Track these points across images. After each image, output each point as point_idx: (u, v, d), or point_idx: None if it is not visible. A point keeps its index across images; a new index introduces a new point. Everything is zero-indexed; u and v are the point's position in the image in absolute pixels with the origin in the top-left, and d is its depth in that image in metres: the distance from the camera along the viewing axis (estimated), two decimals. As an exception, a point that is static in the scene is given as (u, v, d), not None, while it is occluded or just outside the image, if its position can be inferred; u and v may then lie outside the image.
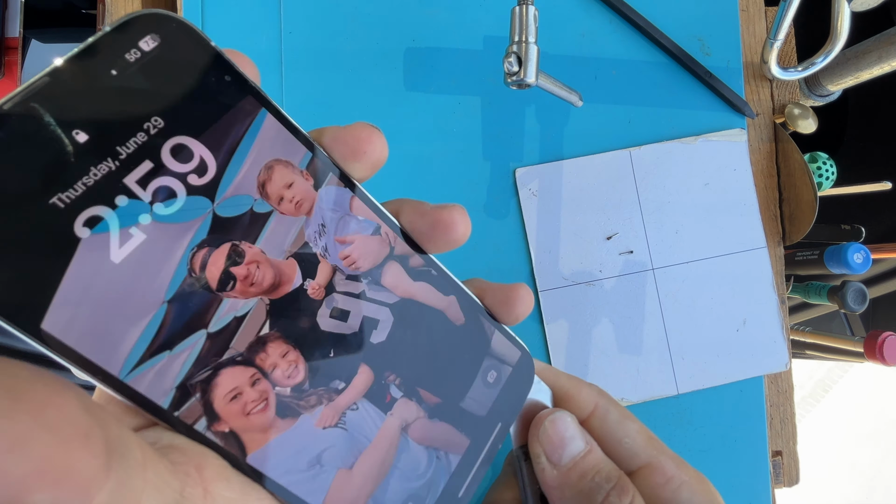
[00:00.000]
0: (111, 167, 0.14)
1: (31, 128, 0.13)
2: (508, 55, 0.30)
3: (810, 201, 0.37)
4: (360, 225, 0.19)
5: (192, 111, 0.15)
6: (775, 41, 0.36)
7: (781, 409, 0.40)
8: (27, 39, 0.54)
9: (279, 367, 0.17)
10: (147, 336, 0.15)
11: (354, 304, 0.19)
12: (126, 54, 0.14)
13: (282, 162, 0.17)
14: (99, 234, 0.14)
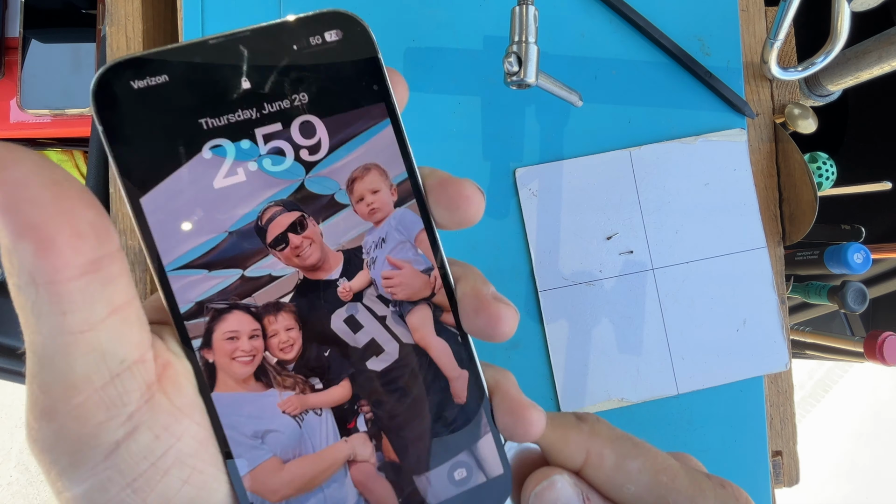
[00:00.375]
0: (251, 116, 0.18)
1: (219, 60, 0.18)
2: (508, 55, 0.30)
3: (810, 201, 0.37)
4: (415, 257, 0.20)
5: (333, 99, 0.19)
6: (775, 41, 0.36)
7: (781, 409, 0.40)
8: (27, 39, 0.54)
9: (278, 336, 0.19)
10: (200, 250, 0.18)
11: (370, 323, 0.20)
12: (311, 37, 0.18)
13: (379, 169, 0.19)
14: (215, 157, 0.18)
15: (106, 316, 0.15)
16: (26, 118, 0.55)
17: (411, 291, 0.20)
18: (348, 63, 0.19)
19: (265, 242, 0.19)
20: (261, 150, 0.18)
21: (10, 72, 0.55)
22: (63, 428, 0.14)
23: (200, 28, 0.37)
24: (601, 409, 0.37)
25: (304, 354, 0.19)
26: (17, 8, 0.54)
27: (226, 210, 0.18)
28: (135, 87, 0.17)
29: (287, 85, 0.18)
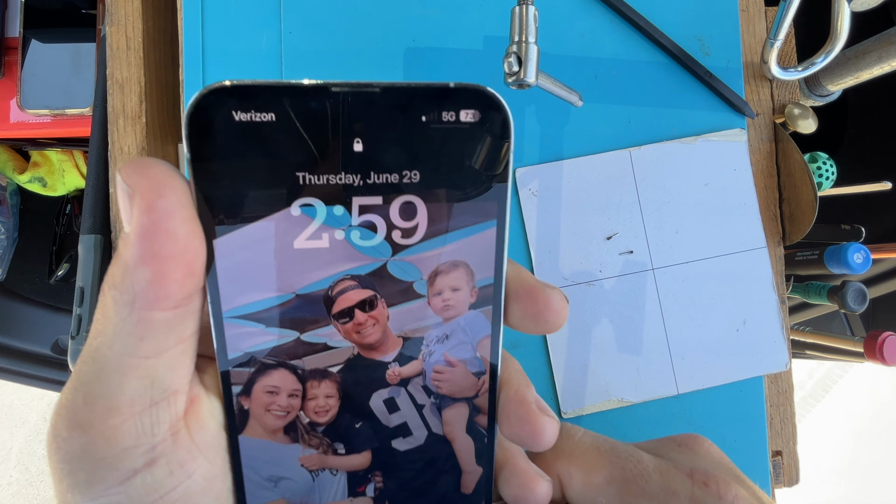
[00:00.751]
0: (354, 182, 0.16)
1: (336, 111, 0.16)
2: (508, 55, 0.30)
3: (810, 201, 0.37)
4: (471, 359, 0.19)
5: (447, 185, 0.17)
6: (775, 41, 0.36)
7: (781, 409, 0.40)
8: (27, 39, 0.54)
9: (317, 400, 0.19)
10: (262, 305, 0.17)
11: (407, 409, 0.20)
12: (445, 111, 0.16)
13: (466, 268, 0.18)
14: (303, 217, 0.16)
15: (172, 346, 0.15)
16: (26, 118, 0.55)
17: (457, 389, 0.20)
18: (476, 150, 0.17)
19: (329, 313, 0.18)
20: (352, 221, 0.17)
21: (10, 72, 0.55)
22: (92, 444, 0.14)
23: (200, 28, 0.37)
24: (601, 409, 0.37)
25: (336, 421, 0.19)
26: (17, 8, 0.54)
27: (299, 273, 0.17)
28: (236, 118, 0.15)
29: (403, 158, 0.16)
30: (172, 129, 0.42)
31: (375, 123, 0.16)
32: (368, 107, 0.16)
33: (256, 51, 0.37)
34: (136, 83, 0.39)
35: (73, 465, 0.15)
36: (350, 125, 0.16)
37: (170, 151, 0.42)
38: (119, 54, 0.39)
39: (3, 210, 0.69)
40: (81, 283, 0.37)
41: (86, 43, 0.53)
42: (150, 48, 0.40)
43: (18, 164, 0.66)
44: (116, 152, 0.38)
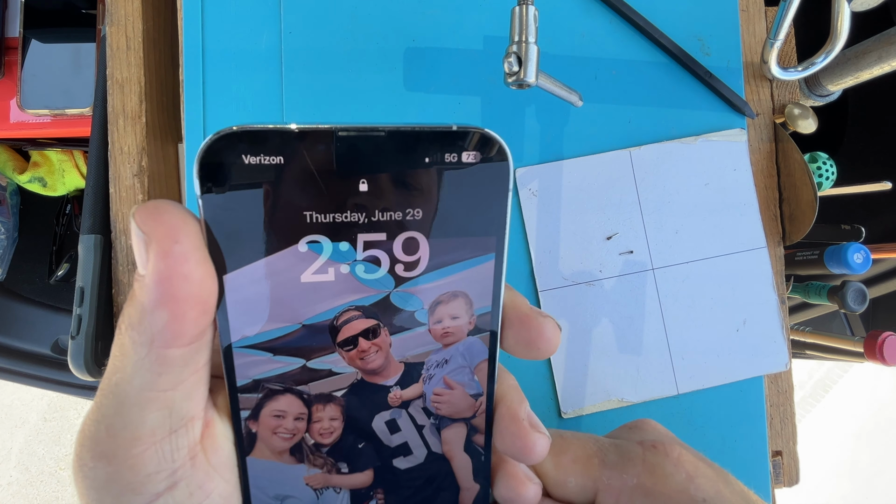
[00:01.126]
0: (359, 220, 0.17)
1: (343, 154, 0.16)
2: (508, 55, 0.30)
3: (810, 201, 0.37)
4: (469, 382, 0.20)
5: (449, 221, 0.18)
6: (775, 41, 0.36)
7: (781, 409, 0.40)
8: (27, 39, 0.54)
9: (321, 423, 0.20)
10: (270, 335, 0.18)
11: (408, 429, 0.21)
12: (448, 153, 0.17)
13: (466, 298, 0.19)
14: (310, 252, 0.17)
15: (187, 377, 0.16)
16: (26, 118, 0.55)
17: (455, 410, 0.21)
18: (477, 189, 0.18)
19: (334, 341, 0.19)
20: (357, 256, 0.18)
21: (10, 72, 0.55)
22: (117, 472, 0.15)
23: (200, 28, 0.37)
24: (601, 409, 0.37)
25: (340, 442, 0.20)
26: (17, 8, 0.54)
27: (306, 304, 0.18)
28: (246, 161, 0.16)
29: (406, 197, 0.17)
30: (172, 129, 0.42)
31: (380, 165, 0.17)
32: (373, 150, 0.16)
33: (256, 51, 0.37)
34: (136, 83, 0.39)
35: (99, 492, 0.16)
36: (356, 167, 0.16)
37: (169, 151, 0.42)
38: (119, 54, 0.39)
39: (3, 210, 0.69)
40: (81, 283, 0.37)
41: (86, 43, 0.53)
42: (150, 48, 0.40)
43: (18, 164, 0.66)
44: (116, 152, 0.38)
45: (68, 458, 1.42)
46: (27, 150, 0.66)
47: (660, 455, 0.20)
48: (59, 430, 1.42)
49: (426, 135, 0.17)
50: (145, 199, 0.38)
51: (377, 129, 0.16)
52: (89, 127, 0.40)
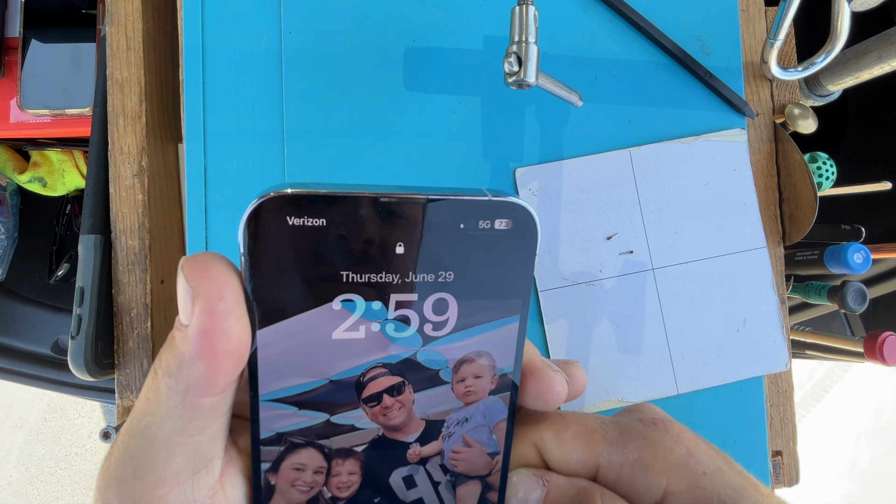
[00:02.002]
0: (392, 280, 0.18)
1: (382, 219, 0.17)
2: (508, 55, 0.30)
3: (810, 201, 0.37)
4: (488, 441, 0.21)
5: (478, 284, 0.19)
6: (775, 41, 0.36)
7: (781, 409, 0.40)
8: (27, 39, 0.54)
9: (340, 477, 0.20)
10: (297, 390, 0.18)
11: (425, 486, 0.21)
12: (482, 220, 0.18)
13: (489, 357, 0.20)
14: (343, 311, 0.18)
15: (215, 421, 0.17)
16: (26, 118, 0.55)
17: (472, 468, 0.21)
18: (506, 254, 0.19)
19: (359, 397, 0.19)
20: (389, 315, 0.18)
21: (10, 72, 0.55)
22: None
23: (200, 28, 0.37)
24: (601, 409, 0.37)
25: (357, 496, 0.20)
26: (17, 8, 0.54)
27: (334, 361, 0.18)
28: (290, 222, 0.17)
29: (439, 260, 0.18)
30: (172, 129, 0.42)
31: (417, 230, 0.18)
32: (412, 215, 0.17)
33: (256, 51, 0.37)
34: (136, 83, 0.39)
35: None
36: (394, 231, 0.17)
37: (169, 151, 0.42)
38: (119, 54, 0.39)
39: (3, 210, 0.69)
40: (81, 283, 0.37)
41: (86, 43, 0.53)
42: (150, 48, 0.40)
43: (18, 164, 0.66)
44: (116, 152, 0.38)
45: (68, 458, 1.42)
46: (27, 150, 0.66)
47: (660, 431, 0.20)
48: (59, 430, 1.42)
49: (463, 204, 0.18)
50: (145, 199, 0.38)
51: (417, 197, 0.17)
52: (89, 127, 0.40)
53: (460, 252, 0.19)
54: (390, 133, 0.37)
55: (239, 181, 0.36)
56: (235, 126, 0.37)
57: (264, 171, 0.36)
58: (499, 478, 0.21)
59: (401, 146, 0.37)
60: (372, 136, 0.37)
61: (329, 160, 0.36)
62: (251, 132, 0.37)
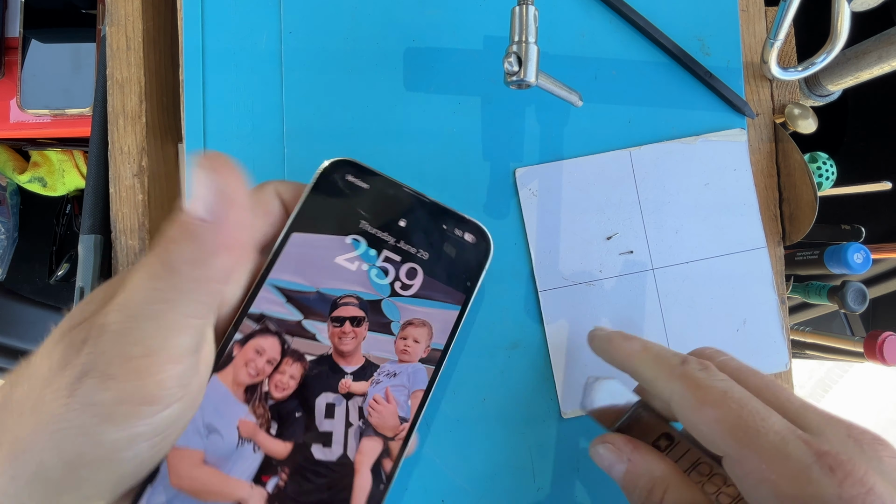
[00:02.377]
0: (388, 240, 0.26)
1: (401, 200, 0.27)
2: (508, 55, 0.30)
3: (810, 201, 0.37)
4: (403, 404, 0.25)
5: (440, 270, 0.26)
6: (775, 41, 0.36)
7: (781, 409, 0.40)
8: (27, 39, 0.54)
9: (282, 376, 0.23)
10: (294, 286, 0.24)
11: (339, 422, 0.24)
12: (457, 229, 0.27)
13: (430, 328, 0.26)
14: (349, 245, 0.25)
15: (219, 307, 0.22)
16: (26, 118, 0.55)
17: (381, 423, 0.24)
18: (466, 259, 0.27)
19: (329, 314, 0.25)
20: (376, 262, 0.25)
21: (10, 72, 0.55)
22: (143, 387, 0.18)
23: (200, 28, 0.37)
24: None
25: (284, 403, 0.23)
26: (17, 8, 0.54)
27: (327, 278, 0.25)
28: (347, 178, 0.26)
29: (422, 241, 0.26)
30: (172, 129, 0.42)
31: (417, 216, 0.26)
32: (419, 206, 0.27)
33: (256, 51, 0.37)
34: (136, 83, 0.39)
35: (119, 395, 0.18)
36: (404, 210, 0.26)
37: (169, 151, 0.42)
38: (119, 54, 0.39)
39: (3, 210, 0.69)
40: (81, 283, 0.37)
41: (86, 43, 0.53)
42: (150, 48, 0.40)
43: (18, 164, 0.66)
44: (116, 152, 0.38)
45: (68, 458, 1.41)
46: (27, 150, 0.66)
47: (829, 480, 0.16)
48: (59, 430, 1.42)
49: (451, 213, 0.27)
50: (145, 199, 0.38)
51: (425, 197, 0.27)
52: (89, 127, 0.40)
53: (437, 243, 0.26)
54: (390, 133, 0.37)
55: (239, 181, 0.36)
56: (235, 126, 0.37)
57: (264, 171, 0.36)
58: (399, 446, 0.24)
59: (401, 146, 0.37)
60: (372, 136, 0.37)
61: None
62: (251, 132, 0.37)
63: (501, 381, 0.36)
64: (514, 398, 0.36)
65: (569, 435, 0.37)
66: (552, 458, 0.36)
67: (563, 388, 0.37)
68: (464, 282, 0.27)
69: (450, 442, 0.36)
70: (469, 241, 0.27)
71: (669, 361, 0.25)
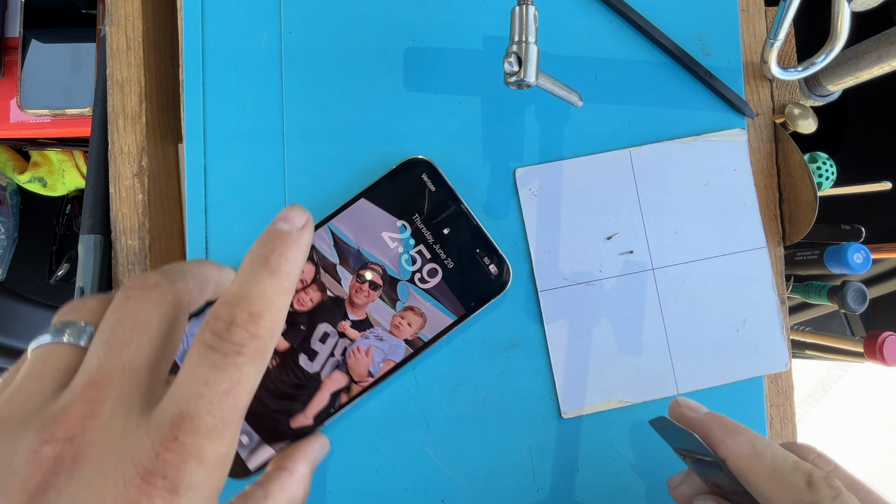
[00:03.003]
0: (428, 237, 0.33)
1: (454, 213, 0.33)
2: (508, 55, 0.30)
3: (810, 201, 0.37)
4: (375, 364, 0.32)
5: (455, 280, 0.33)
6: (775, 41, 0.36)
7: (781, 409, 0.40)
8: (27, 39, 0.54)
9: (307, 294, 0.31)
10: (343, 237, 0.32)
11: (327, 348, 0.31)
12: (486, 258, 0.33)
13: (423, 321, 0.32)
14: (398, 226, 0.33)
15: None
16: (26, 118, 0.55)
17: (354, 367, 0.31)
18: (481, 285, 0.33)
19: (357, 270, 0.32)
20: (410, 251, 0.32)
21: (10, 72, 0.55)
22: None
23: (200, 28, 0.37)
24: (601, 409, 0.37)
25: (298, 314, 0.31)
26: (17, 8, 0.54)
27: (369, 243, 0.32)
28: (422, 176, 0.33)
29: (454, 252, 0.33)
30: (172, 129, 0.42)
31: (460, 231, 0.33)
32: (465, 224, 0.33)
33: (256, 51, 0.37)
34: (136, 83, 0.39)
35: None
36: (452, 220, 0.32)
37: (169, 151, 0.42)
38: (119, 54, 0.39)
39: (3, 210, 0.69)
40: (81, 283, 0.37)
41: (86, 43, 0.53)
42: (150, 48, 0.40)
43: (18, 164, 0.66)
44: (116, 152, 0.38)
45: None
46: (27, 150, 0.66)
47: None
48: (59, 430, 1.42)
49: (489, 243, 0.34)
50: (145, 199, 0.38)
51: (475, 220, 0.33)
52: (89, 127, 0.40)
53: (465, 260, 0.32)
54: (390, 133, 0.37)
55: (239, 181, 0.36)
56: (235, 126, 0.37)
57: (264, 171, 0.36)
58: (358, 390, 0.31)
59: (401, 146, 0.37)
60: (372, 136, 0.37)
61: (329, 160, 0.36)
62: (251, 132, 0.37)
63: (501, 381, 0.36)
64: (514, 398, 0.36)
65: (569, 435, 0.37)
66: (552, 458, 0.36)
67: (563, 388, 0.37)
68: (470, 301, 0.32)
69: (450, 442, 0.36)
70: (491, 273, 0.33)
71: (793, 483, 0.22)
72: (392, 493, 0.35)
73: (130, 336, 0.19)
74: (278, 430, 0.30)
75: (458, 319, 0.32)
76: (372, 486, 0.35)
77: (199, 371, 0.18)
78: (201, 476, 0.17)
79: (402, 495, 0.35)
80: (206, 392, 0.17)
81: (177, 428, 0.17)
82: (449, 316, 0.32)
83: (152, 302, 0.20)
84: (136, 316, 0.19)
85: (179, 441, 0.16)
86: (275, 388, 0.30)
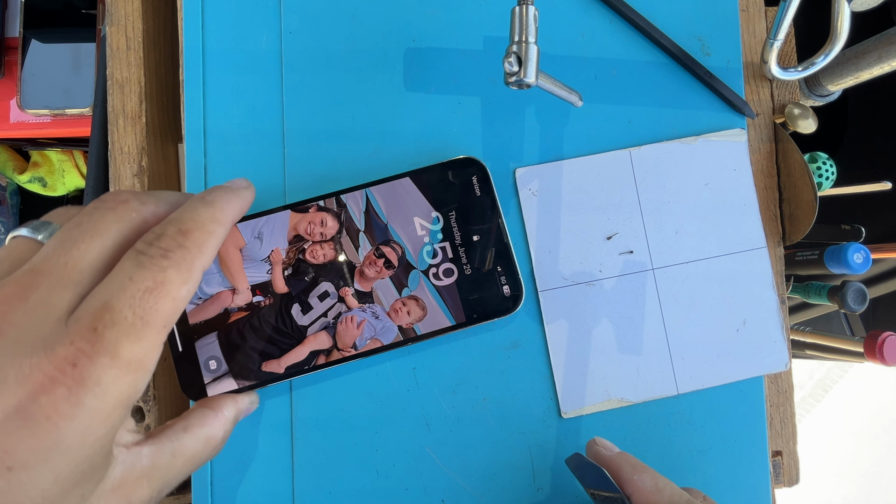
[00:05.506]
0: (454, 236, 0.33)
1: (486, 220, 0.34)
2: (508, 55, 0.30)
3: (810, 201, 0.37)
4: (362, 338, 0.32)
5: (467, 289, 0.33)
6: (775, 41, 0.36)
7: (781, 409, 0.40)
8: (27, 39, 0.54)
9: (321, 249, 0.32)
10: (378, 210, 0.33)
11: (323, 306, 0.32)
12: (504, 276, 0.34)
13: (423, 313, 0.33)
14: (432, 216, 0.33)
15: None
16: (26, 118, 0.55)
17: (341, 333, 0.32)
18: (490, 301, 0.33)
19: (378, 243, 0.32)
20: (435, 244, 0.32)
21: (10, 72, 0.55)
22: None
23: (200, 28, 0.37)
24: (601, 409, 0.37)
25: (306, 265, 0.32)
26: (17, 8, 0.54)
27: (398, 222, 0.33)
28: (471, 177, 0.33)
29: (475, 260, 0.33)
30: (172, 129, 0.42)
31: (488, 243, 0.33)
32: (496, 238, 0.33)
33: (256, 51, 0.37)
34: (136, 83, 0.39)
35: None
36: (484, 231, 0.33)
37: (170, 151, 0.42)
38: (119, 54, 0.39)
39: (3, 210, 0.69)
40: (81, 283, 0.37)
41: (86, 43, 0.53)
42: (150, 48, 0.40)
43: (18, 164, 0.66)
44: (116, 152, 0.38)
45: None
46: (27, 150, 0.66)
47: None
48: (59, 430, 1.42)
49: (511, 263, 0.34)
50: (145, 199, 0.38)
51: (507, 237, 0.34)
52: (89, 127, 0.40)
53: (482, 271, 0.33)
54: (390, 133, 0.37)
55: (239, 181, 0.36)
56: (235, 126, 0.37)
57: (264, 171, 0.36)
58: (338, 357, 0.32)
59: (400, 146, 0.37)
60: (372, 136, 0.37)
61: (329, 160, 0.36)
62: (251, 132, 0.37)
63: (501, 382, 0.36)
64: (514, 398, 0.36)
65: (569, 435, 0.37)
66: (552, 458, 0.36)
67: (563, 388, 0.37)
68: (473, 312, 0.32)
69: (450, 442, 0.36)
70: (504, 293, 0.33)
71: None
72: (392, 493, 0.35)
73: (82, 238, 0.19)
74: (248, 367, 0.31)
75: (455, 325, 0.32)
76: (372, 486, 0.35)
77: (125, 268, 0.19)
78: (112, 375, 0.17)
79: (402, 495, 0.35)
80: (129, 286, 0.18)
81: (97, 319, 0.17)
82: (449, 319, 0.32)
83: (116, 214, 0.20)
84: (95, 223, 0.20)
85: (97, 332, 0.17)
86: (259, 327, 0.31)
